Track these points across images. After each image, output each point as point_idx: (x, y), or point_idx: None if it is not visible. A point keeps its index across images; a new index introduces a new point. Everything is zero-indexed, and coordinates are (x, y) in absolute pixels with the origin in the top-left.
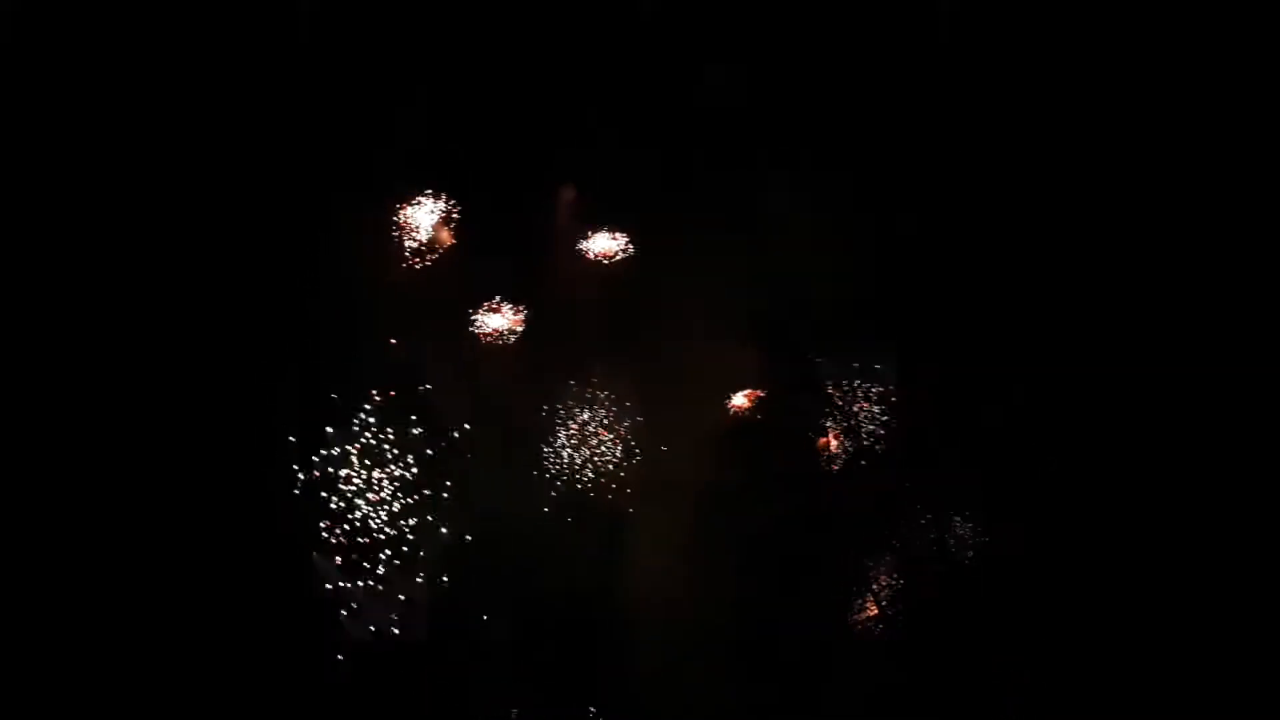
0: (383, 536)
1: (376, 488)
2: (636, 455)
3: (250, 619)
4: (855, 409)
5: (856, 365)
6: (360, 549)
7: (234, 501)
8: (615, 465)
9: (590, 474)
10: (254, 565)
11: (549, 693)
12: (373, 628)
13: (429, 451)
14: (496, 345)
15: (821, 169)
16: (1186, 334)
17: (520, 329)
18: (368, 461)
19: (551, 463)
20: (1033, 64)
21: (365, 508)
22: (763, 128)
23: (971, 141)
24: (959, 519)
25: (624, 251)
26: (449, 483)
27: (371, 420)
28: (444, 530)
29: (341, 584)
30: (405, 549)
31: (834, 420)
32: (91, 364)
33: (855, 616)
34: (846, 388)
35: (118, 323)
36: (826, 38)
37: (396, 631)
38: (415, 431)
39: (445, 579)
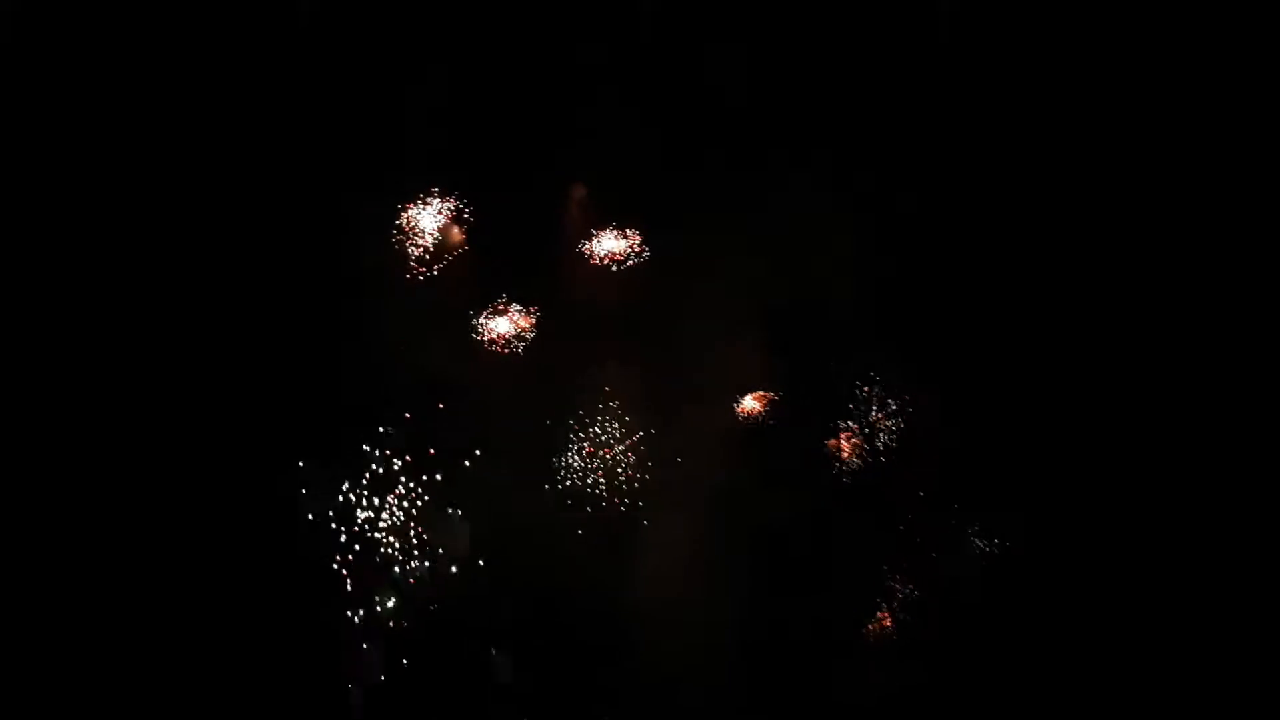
0: (396, 543)
1: (387, 495)
2: (647, 457)
3: (264, 627)
4: (867, 410)
5: (868, 366)
6: (374, 554)
7: (242, 509)
8: (626, 467)
9: (601, 476)
10: (264, 575)
11: (563, 696)
12: (388, 638)
13: (440, 458)
14: (504, 347)
15: (830, 169)
16: (1188, 334)
17: (529, 330)
18: (380, 468)
19: (562, 466)
20: (1035, 63)
21: (379, 514)
22: (768, 129)
23: (984, 142)
24: (970, 520)
25: (634, 251)
26: (461, 490)
27: (383, 424)
28: (458, 537)
29: (358, 591)
30: (420, 557)
31: (846, 421)
32: (96, 370)
33: (866, 618)
34: (859, 389)
35: (121, 326)
36: (830, 36)
37: (414, 640)
38: (426, 437)
39: (460, 584)
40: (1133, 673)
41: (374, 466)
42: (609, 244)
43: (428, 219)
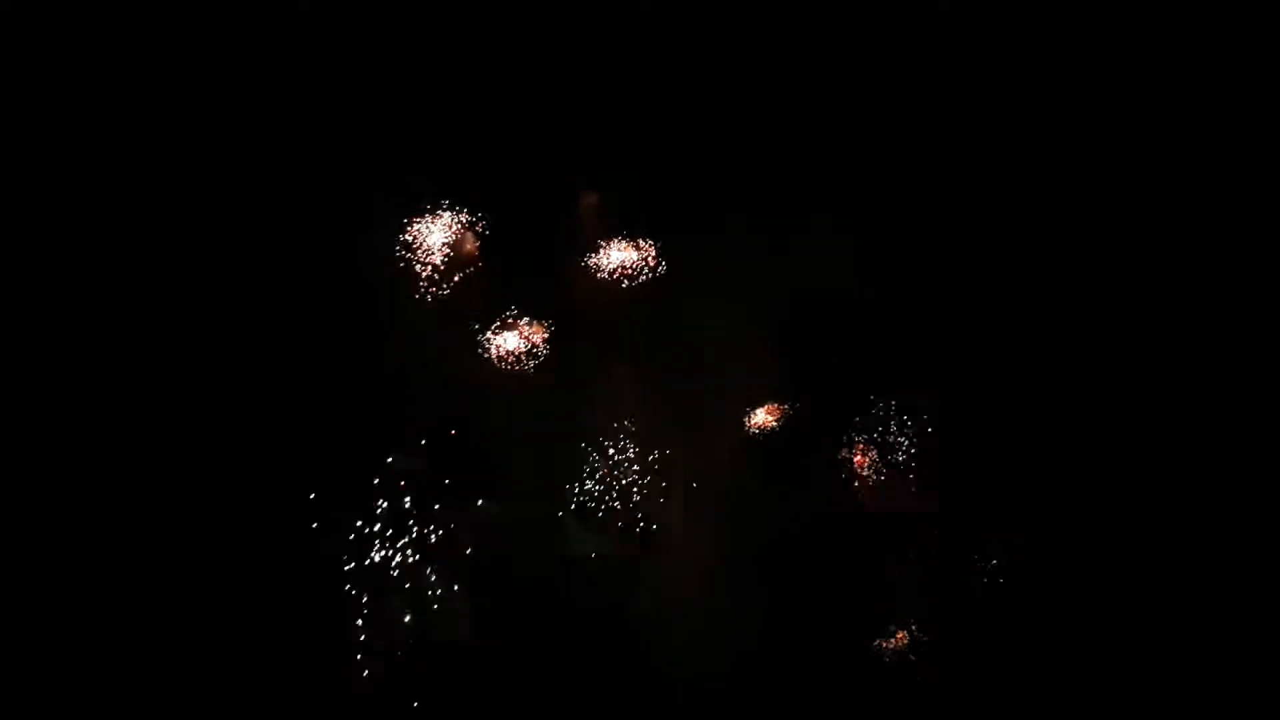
0: (406, 556)
1: (398, 503)
2: (662, 473)
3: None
4: (882, 421)
5: (883, 377)
6: (385, 580)
7: (247, 537)
8: (641, 485)
9: (616, 493)
10: (268, 598)
11: (572, 706)
12: (397, 649)
13: (450, 468)
14: (513, 361)
15: (830, 169)
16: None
17: (538, 343)
18: (390, 478)
19: (577, 484)
20: (1036, 63)
21: (392, 542)
22: (769, 129)
23: (986, 142)
24: (987, 532)
25: (640, 259)
26: (470, 501)
27: (386, 430)
28: (467, 547)
29: (367, 598)
30: (426, 567)
31: (860, 434)
32: (87, 380)
33: (882, 633)
34: (873, 400)
35: (115, 333)
36: (830, 36)
37: (423, 650)
38: (435, 448)
39: (467, 595)
40: (1151, 685)
41: (384, 498)
42: (614, 252)
43: (427, 224)
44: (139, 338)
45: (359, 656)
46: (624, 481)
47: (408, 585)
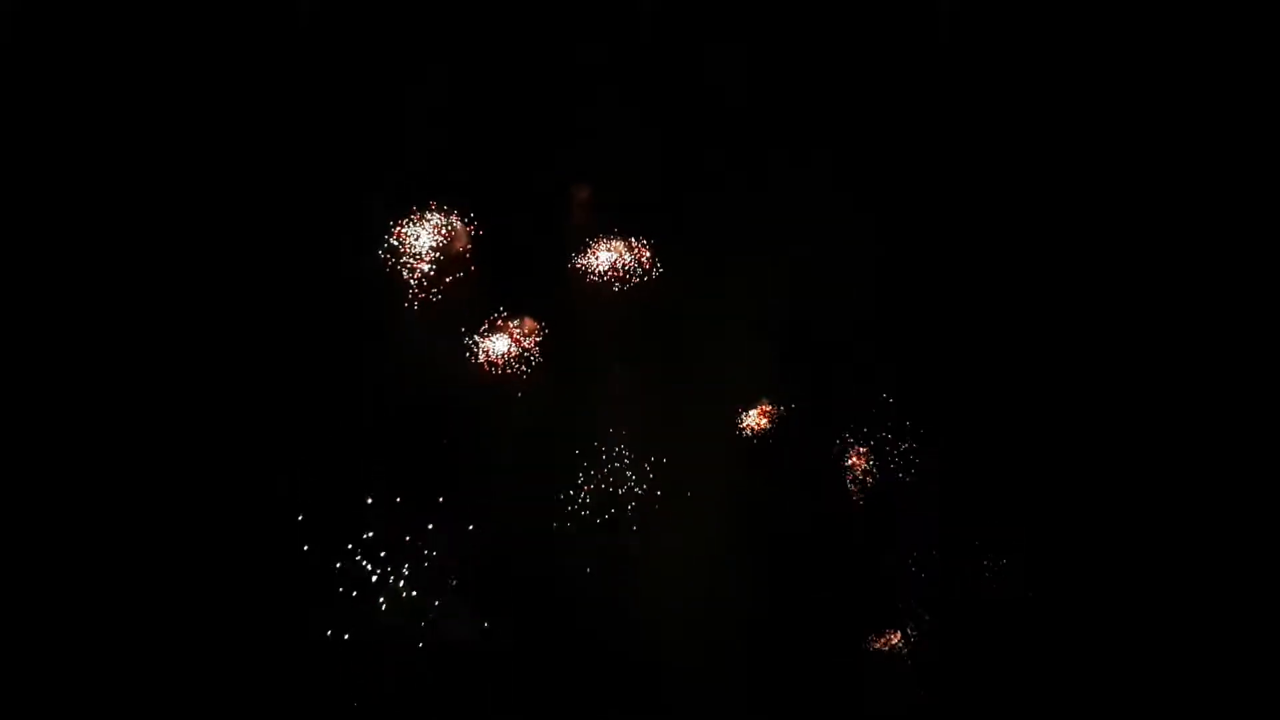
0: (401, 556)
1: (392, 503)
2: (658, 475)
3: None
4: (878, 421)
5: (874, 377)
6: (381, 565)
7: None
8: (636, 487)
9: (611, 497)
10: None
11: (566, 704)
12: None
13: (443, 470)
14: (504, 360)
15: (830, 169)
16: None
17: (529, 342)
18: (385, 478)
19: (570, 489)
20: (1036, 64)
21: (383, 525)
22: (770, 130)
23: (986, 142)
24: (982, 534)
25: (635, 259)
26: (467, 501)
27: (380, 432)
28: (463, 546)
29: (364, 599)
30: (425, 569)
31: (852, 432)
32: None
33: (878, 634)
34: (865, 399)
35: (111, 329)
36: (830, 36)
37: (422, 651)
38: (428, 448)
39: (465, 594)
40: (1148, 686)
41: (381, 500)
42: (609, 251)
43: (421, 225)
44: (135, 336)
45: (358, 657)
46: (620, 482)
47: (405, 587)
